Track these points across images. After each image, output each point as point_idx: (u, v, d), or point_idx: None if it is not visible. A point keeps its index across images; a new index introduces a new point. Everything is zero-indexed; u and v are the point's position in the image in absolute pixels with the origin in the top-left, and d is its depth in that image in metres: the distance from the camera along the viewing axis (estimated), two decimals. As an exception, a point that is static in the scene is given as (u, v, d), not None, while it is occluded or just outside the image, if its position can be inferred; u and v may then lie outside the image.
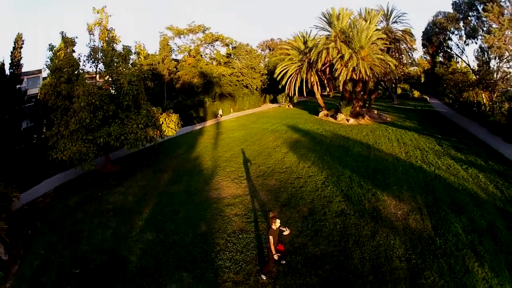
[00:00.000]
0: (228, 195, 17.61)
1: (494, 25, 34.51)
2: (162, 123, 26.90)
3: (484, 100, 39.63)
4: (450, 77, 46.57)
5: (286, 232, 10.93)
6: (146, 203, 17.48)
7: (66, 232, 15.24)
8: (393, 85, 64.34)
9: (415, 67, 79.91)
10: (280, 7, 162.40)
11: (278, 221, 10.36)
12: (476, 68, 41.03)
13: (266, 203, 16.37)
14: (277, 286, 10.25)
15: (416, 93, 73.17)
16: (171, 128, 27.50)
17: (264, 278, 10.63)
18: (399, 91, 73.46)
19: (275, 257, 10.21)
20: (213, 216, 15.33)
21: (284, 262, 11.28)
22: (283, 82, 40.85)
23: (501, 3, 34.13)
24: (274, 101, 57.92)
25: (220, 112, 45.73)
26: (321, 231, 13.40)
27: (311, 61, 37.96)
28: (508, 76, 35.30)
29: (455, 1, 44.35)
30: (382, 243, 12.30)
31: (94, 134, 20.76)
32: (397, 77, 56.48)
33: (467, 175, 19.36)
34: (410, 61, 64.41)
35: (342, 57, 33.72)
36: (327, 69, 36.67)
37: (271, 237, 10.19)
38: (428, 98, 67.78)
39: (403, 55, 52.65)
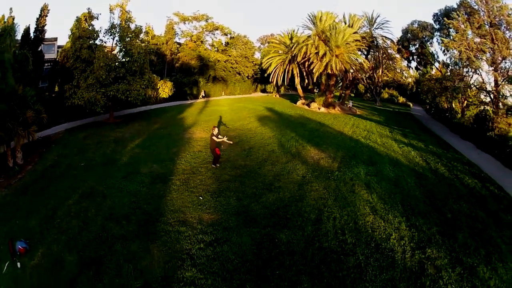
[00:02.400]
0: (197, 137, 23.92)
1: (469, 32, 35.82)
2: (159, 87, 33.29)
3: (454, 105, 43.40)
4: (426, 83, 50.96)
5: (228, 140, 17.71)
6: (139, 137, 23.89)
7: (75, 149, 21.44)
8: (378, 88, 69.46)
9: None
10: (284, 7, 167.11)
11: (216, 129, 16.82)
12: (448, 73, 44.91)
13: (222, 143, 22.51)
14: (209, 172, 16.52)
15: (401, 99, 77.50)
16: (166, 92, 33.94)
17: (214, 166, 17.21)
18: (385, 95, 78.06)
19: (217, 151, 16.87)
20: (183, 144, 21.79)
21: (218, 165, 17.50)
22: (269, 71, 46.80)
23: (478, 12, 35.23)
24: (264, 91, 63.85)
25: (202, 93, 49.62)
26: (251, 156, 19.70)
27: (293, 55, 43.96)
28: (465, 78, 38.76)
29: (435, 13, 49.83)
30: (290, 166, 18.09)
31: (106, 88, 26.95)
32: (369, 76, 60.89)
33: (399, 149, 23.10)
34: (395, 66, 69.50)
35: (317, 53, 39.68)
36: (307, 62, 42.45)
37: (214, 138, 16.71)
38: (411, 104, 72.40)
39: (390, 61, 58.08)
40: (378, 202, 13.82)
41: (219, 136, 17.29)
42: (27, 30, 32.57)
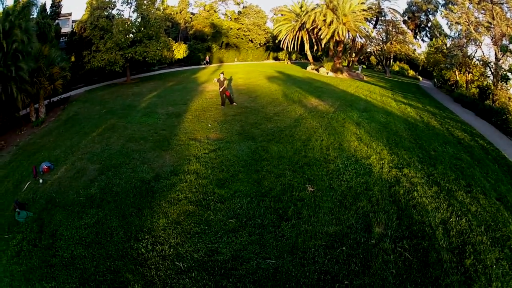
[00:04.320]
0: (210, 89, 25.96)
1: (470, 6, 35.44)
2: (174, 49, 35.75)
3: (458, 77, 43.59)
4: (433, 56, 51.40)
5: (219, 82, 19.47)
6: (155, 91, 26.37)
7: (96, 102, 24.06)
8: (388, 60, 69.68)
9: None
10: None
11: (222, 74, 18.82)
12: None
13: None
14: (217, 110, 18.85)
15: (411, 72, 76.85)
16: (180, 53, 36.52)
17: (222, 107, 19.57)
18: (396, 68, 78.11)
19: (227, 93, 19.24)
20: (197, 94, 24.09)
21: (235, 104, 19.88)
22: (279, 38, 48.35)
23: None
24: (277, 58, 65.00)
25: (207, 58, 50.10)
26: (256, 100, 21.86)
27: (303, 23, 45.31)
28: (463, 49, 39.55)
29: (441, -11, 49.68)
30: (290, 108, 20.04)
31: (124, 51, 29.30)
32: (380, 49, 61.53)
33: (396, 106, 23.55)
34: (406, 41, 69.38)
35: (325, 21, 40.95)
36: (315, 29, 43.78)
37: (216, 82, 18.91)
38: (420, 78, 72.43)
39: (400, 35, 58.34)
40: (364, 134, 15.08)
41: (223, 80, 19.39)
42: (43, 6, 34.41)
